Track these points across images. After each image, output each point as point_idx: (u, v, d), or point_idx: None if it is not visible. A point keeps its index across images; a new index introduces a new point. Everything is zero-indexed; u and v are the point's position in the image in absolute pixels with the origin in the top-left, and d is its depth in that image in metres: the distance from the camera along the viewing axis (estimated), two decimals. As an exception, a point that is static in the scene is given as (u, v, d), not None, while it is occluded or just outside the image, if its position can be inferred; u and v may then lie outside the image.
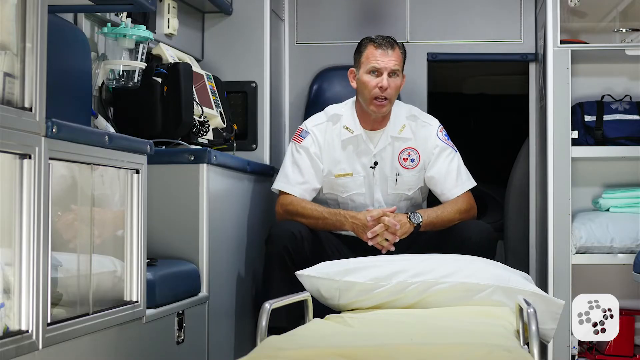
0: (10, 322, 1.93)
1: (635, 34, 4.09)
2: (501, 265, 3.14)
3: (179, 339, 2.84)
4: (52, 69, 2.06)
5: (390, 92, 3.51)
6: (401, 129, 3.61)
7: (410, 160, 3.61)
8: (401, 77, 3.55)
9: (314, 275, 3.00)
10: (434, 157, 3.61)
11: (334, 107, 3.68)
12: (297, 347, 2.21)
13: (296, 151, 3.60)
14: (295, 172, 3.57)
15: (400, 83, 3.55)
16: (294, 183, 3.56)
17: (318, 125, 3.64)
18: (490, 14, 4.39)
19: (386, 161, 3.60)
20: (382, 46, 3.52)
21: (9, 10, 1.93)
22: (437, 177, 3.60)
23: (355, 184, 3.57)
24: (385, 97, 3.50)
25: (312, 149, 3.59)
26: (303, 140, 3.60)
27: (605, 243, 3.87)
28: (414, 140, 3.62)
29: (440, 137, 3.64)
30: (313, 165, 3.58)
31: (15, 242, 1.93)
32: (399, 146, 3.60)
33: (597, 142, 4.00)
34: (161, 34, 3.64)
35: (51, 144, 2.02)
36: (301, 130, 3.64)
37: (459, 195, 3.59)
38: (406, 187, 3.61)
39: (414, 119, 3.65)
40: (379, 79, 3.50)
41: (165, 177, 3.04)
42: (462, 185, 3.61)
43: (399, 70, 3.53)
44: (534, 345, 2.26)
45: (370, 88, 3.51)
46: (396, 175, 3.60)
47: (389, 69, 3.50)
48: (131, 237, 2.48)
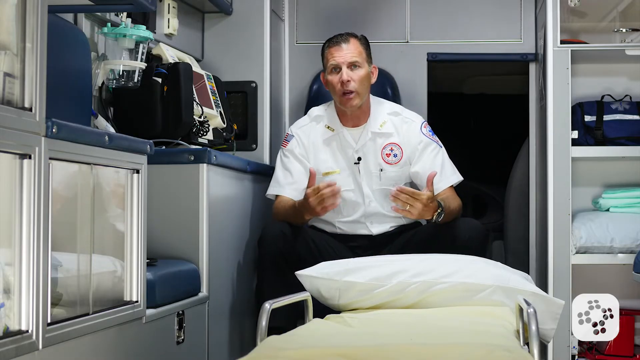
0: (10, 322, 1.93)
1: (635, 34, 4.09)
2: (501, 265, 3.14)
3: (179, 339, 2.84)
4: (52, 69, 2.06)
5: (354, 85, 3.52)
6: (382, 124, 3.63)
7: (393, 155, 3.62)
8: (366, 67, 3.56)
9: (314, 275, 3.00)
10: (419, 152, 3.62)
11: (316, 109, 3.74)
12: (297, 347, 2.21)
13: (284, 155, 3.66)
14: (286, 175, 3.62)
15: (366, 74, 3.55)
16: (284, 185, 3.60)
17: (302, 127, 3.69)
18: (490, 14, 4.39)
19: (369, 157, 3.62)
20: (335, 43, 3.57)
21: (9, 10, 1.93)
22: (422, 172, 3.59)
23: (343, 181, 3.58)
24: (350, 90, 3.51)
25: (297, 150, 3.64)
26: (288, 144, 3.66)
27: (605, 243, 3.87)
28: (397, 136, 3.63)
29: (424, 132, 3.65)
30: (301, 166, 3.62)
31: (15, 242, 1.93)
32: (382, 142, 3.62)
33: (597, 142, 4.00)
34: (161, 34, 3.64)
35: (51, 144, 2.02)
36: (287, 135, 3.71)
37: (453, 193, 3.58)
38: (391, 182, 3.60)
39: (396, 114, 3.67)
40: (340, 73, 3.53)
41: (165, 177, 3.04)
42: (446, 180, 3.60)
43: (359, 61, 3.54)
44: (534, 345, 2.26)
45: (334, 85, 3.55)
46: (380, 170, 3.62)
47: (346, 62, 3.53)
48: (131, 237, 2.48)
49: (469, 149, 3.78)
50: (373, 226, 3.63)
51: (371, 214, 3.61)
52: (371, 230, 3.63)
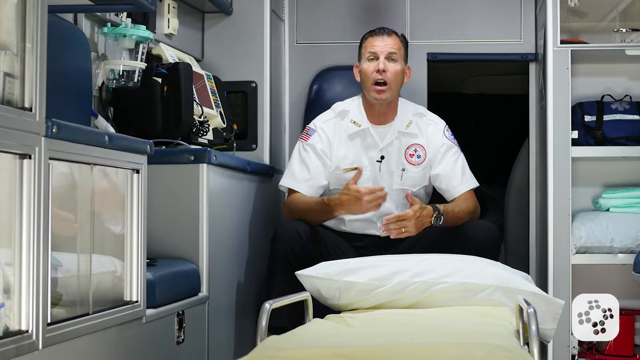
0: (10, 322, 1.93)
1: (635, 34, 4.09)
2: (501, 265, 3.14)
3: (179, 339, 2.84)
4: (52, 69, 2.06)
5: (389, 76, 3.53)
6: (408, 124, 3.63)
7: (417, 156, 3.62)
8: (402, 64, 3.58)
9: (314, 275, 3.00)
10: (441, 154, 3.63)
11: (341, 104, 3.71)
12: (297, 347, 2.21)
13: (303, 149, 3.63)
14: (303, 170, 3.59)
15: (401, 70, 3.57)
16: (300, 180, 3.58)
17: (326, 121, 3.66)
18: (490, 14, 4.39)
19: (392, 156, 3.61)
20: (378, 33, 3.59)
21: (9, 10, 1.93)
22: (443, 175, 3.61)
23: (362, 179, 3.56)
24: (385, 81, 3.52)
25: (319, 146, 3.61)
26: (310, 138, 3.63)
27: (605, 243, 3.87)
28: (421, 137, 3.64)
29: (447, 135, 3.67)
30: (320, 162, 3.60)
31: (15, 242, 1.93)
32: (406, 142, 3.62)
33: (597, 142, 4.00)
34: (161, 34, 3.64)
35: (51, 144, 2.02)
36: (309, 128, 3.68)
37: (467, 197, 3.59)
38: (411, 183, 3.61)
39: (421, 116, 3.68)
40: (377, 62, 3.54)
41: (165, 177, 3.04)
42: (466, 183, 3.63)
43: (397, 55, 3.56)
44: (534, 345, 2.26)
45: (369, 73, 3.55)
46: (402, 170, 3.61)
47: (385, 52, 3.54)
48: (131, 237, 2.48)
49: (469, 149, 3.78)
50: None
51: (383, 215, 3.58)
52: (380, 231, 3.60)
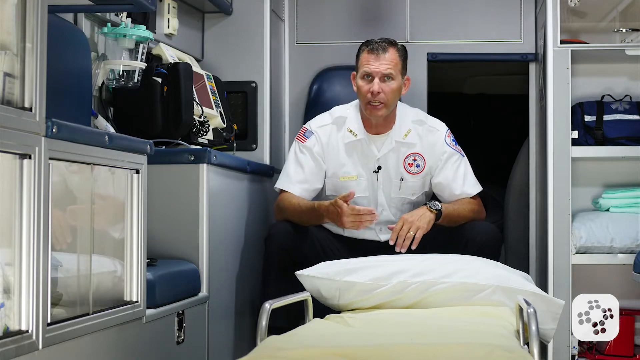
0: (10, 322, 1.93)
1: (635, 34, 4.09)
2: (501, 265, 3.14)
3: (179, 339, 2.84)
4: (52, 69, 2.06)
5: (383, 97, 3.45)
6: (406, 133, 3.57)
7: (416, 165, 3.58)
8: (399, 79, 3.49)
9: (314, 275, 3.00)
10: (442, 163, 3.59)
11: (339, 109, 3.65)
12: (297, 347, 2.21)
13: (299, 151, 3.59)
14: (298, 171, 3.56)
15: (397, 87, 3.48)
16: (294, 181, 3.55)
17: (323, 126, 3.61)
18: (490, 14, 4.39)
19: (390, 166, 3.57)
20: (374, 50, 3.47)
21: (9, 10, 1.93)
22: (445, 183, 3.58)
23: (359, 188, 3.55)
24: (379, 101, 3.46)
25: (316, 149, 3.57)
26: (307, 140, 3.59)
27: (605, 243, 3.87)
28: (420, 146, 3.58)
29: (448, 142, 3.60)
30: (316, 165, 3.57)
31: (15, 242, 1.93)
32: (405, 152, 3.57)
33: (597, 142, 4.00)
34: (161, 34, 3.64)
35: (51, 144, 2.02)
36: (305, 129, 3.63)
37: (470, 200, 3.58)
38: (410, 191, 3.59)
39: (421, 123, 3.61)
40: (371, 84, 3.46)
41: (165, 177, 3.04)
42: (468, 189, 3.59)
43: (393, 74, 3.46)
44: (534, 345, 2.26)
45: (363, 93, 3.48)
46: (400, 180, 3.57)
47: (379, 73, 3.45)
48: (131, 237, 2.48)
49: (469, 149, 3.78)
50: (382, 233, 3.57)
51: (382, 222, 3.57)
52: (379, 237, 3.58)
